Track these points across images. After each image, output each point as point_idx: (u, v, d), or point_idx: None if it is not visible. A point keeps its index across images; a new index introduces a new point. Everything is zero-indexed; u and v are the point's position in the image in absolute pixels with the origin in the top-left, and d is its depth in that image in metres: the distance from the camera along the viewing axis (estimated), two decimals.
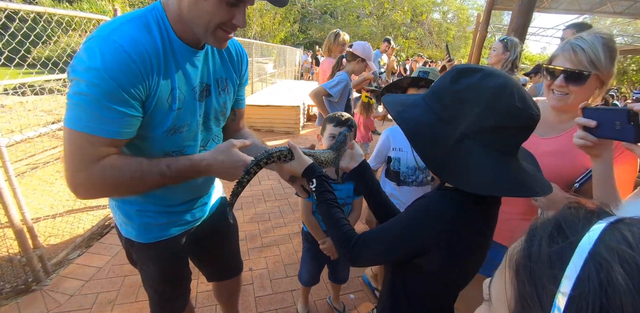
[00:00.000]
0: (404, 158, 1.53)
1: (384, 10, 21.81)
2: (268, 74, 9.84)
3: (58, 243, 2.32)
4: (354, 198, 1.47)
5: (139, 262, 1.08)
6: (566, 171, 0.97)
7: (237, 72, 1.01)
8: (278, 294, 1.95)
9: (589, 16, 9.99)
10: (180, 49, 0.81)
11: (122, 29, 0.72)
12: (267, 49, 11.18)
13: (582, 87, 0.91)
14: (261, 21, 18.92)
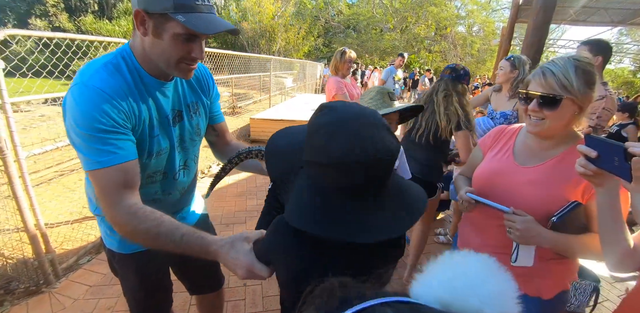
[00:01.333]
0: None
1: (407, 24, 21.96)
2: (287, 87, 10.11)
3: (71, 249, 2.48)
4: None
5: (120, 272, 1.16)
6: (544, 203, 0.93)
7: (206, 94, 1.09)
8: (269, 312, 1.96)
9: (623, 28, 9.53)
10: (151, 82, 0.90)
11: (97, 75, 0.82)
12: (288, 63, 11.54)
13: (556, 112, 0.89)
14: (285, 36, 19.58)
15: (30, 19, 15.08)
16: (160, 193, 1.07)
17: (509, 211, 0.93)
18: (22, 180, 1.87)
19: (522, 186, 0.99)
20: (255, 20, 18.73)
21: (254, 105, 9.27)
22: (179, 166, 1.07)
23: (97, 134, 0.78)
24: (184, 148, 1.08)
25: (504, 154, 1.09)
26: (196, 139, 1.12)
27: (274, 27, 18.92)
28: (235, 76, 7.78)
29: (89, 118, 0.78)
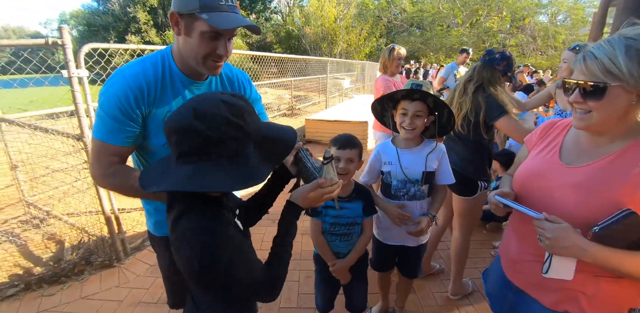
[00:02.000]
0: (393, 171, 1.49)
1: (478, 17, 20.28)
2: (345, 89, 10.14)
3: (140, 232, 2.85)
4: (363, 218, 1.44)
5: (156, 252, 1.30)
6: (587, 209, 0.79)
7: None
8: (302, 309, 1.98)
9: None
10: (181, 79, 1.01)
11: (132, 67, 0.97)
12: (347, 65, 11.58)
13: (602, 103, 0.74)
14: (347, 38, 19.66)
15: (127, 36, 17.77)
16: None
17: (540, 217, 0.80)
18: None
19: (564, 189, 0.84)
20: (317, 24, 19.19)
21: (313, 106, 9.52)
22: None
23: (105, 115, 0.94)
24: None
25: (548, 152, 0.94)
26: None
27: (335, 29, 19.15)
28: (293, 79, 8.09)
29: (106, 101, 0.94)
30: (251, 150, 0.71)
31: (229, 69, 1.18)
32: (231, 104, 0.67)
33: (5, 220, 3.10)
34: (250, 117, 0.71)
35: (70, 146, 2.36)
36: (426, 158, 1.44)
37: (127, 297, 2.08)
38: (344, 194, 1.42)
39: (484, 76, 1.71)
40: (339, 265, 1.42)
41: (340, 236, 1.43)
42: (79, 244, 2.59)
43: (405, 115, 1.39)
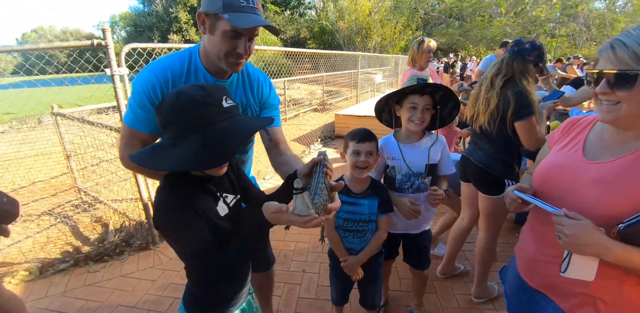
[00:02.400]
0: (397, 166, 1.52)
1: (523, 6, 18.84)
2: (376, 84, 9.97)
3: None
4: (378, 215, 1.42)
5: None
6: (610, 207, 0.74)
7: (256, 98, 1.23)
8: (319, 301, 2.02)
9: None
10: (204, 75, 1.08)
11: (161, 61, 1.06)
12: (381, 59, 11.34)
13: (633, 93, 0.70)
14: (382, 32, 19.22)
15: (169, 35, 18.84)
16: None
17: (560, 213, 0.76)
18: None
19: (586, 185, 0.79)
20: (351, 18, 18.95)
21: (344, 102, 9.48)
22: None
23: (134, 104, 1.04)
24: None
25: (571, 148, 0.89)
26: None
27: (369, 23, 18.79)
28: (326, 74, 8.10)
29: (135, 91, 1.04)
30: (192, 140, 0.72)
31: (252, 70, 1.22)
32: (186, 94, 0.73)
33: (59, 204, 3.47)
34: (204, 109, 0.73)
35: (113, 138, 2.58)
36: (429, 151, 1.48)
37: (160, 277, 2.25)
38: (359, 190, 1.41)
39: (514, 68, 1.60)
40: (350, 262, 1.43)
41: (353, 233, 1.43)
42: (120, 227, 2.84)
43: (414, 109, 1.42)
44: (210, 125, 0.73)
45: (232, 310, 1.00)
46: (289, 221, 0.75)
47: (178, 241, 0.81)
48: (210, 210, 0.85)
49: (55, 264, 2.35)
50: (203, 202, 0.83)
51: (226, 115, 0.76)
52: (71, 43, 2.14)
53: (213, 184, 0.89)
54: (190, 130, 0.73)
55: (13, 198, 1.47)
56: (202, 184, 0.85)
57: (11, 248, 2.62)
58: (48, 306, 2.01)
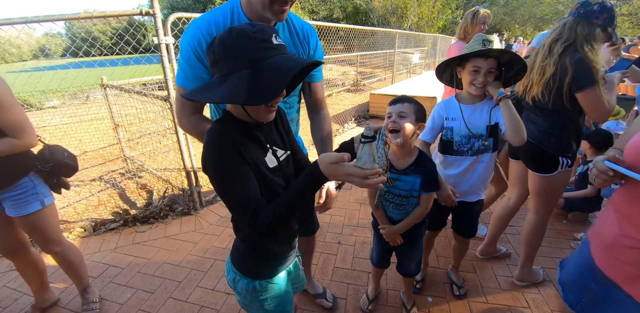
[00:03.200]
0: (457, 127, 1.47)
1: None
2: (412, 65, 9.53)
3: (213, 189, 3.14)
4: (420, 192, 1.34)
5: None
6: None
7: (303, 47, 1.20)
8: (355, 271, 2.02)
9: None
10: None
11: (204, 17, 1.04)
12: (418, 38, 10.78)
13: None
14: (418, 11, 18.18)
15: None
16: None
17: None
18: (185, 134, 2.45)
19: None
20: None
21: (378, 83, 9.20)
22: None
23: (183, 62, 1.04)
24: None
25: None
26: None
27: (406, 2, 17.81)
28: (360, 54, 7.84)
29: (183, 48, 1.04)
30: (241, 75, 0.70)
31: (297, 20, 1.19)
32: (237, 29, 0.71)
33: (108, 171, 3.69)
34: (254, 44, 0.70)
35: (159, 107, 2.66)
36: (490, 112, 1.42)
37: (201, 240, 2.35)
38: (401, 166, 1.32)
39: (577, 32, 1.42)
40: (389, 230, 1.42)
41: (393, 204, 1.40)
42: (164, 194, 2.98)
43: (477, 72, 1.38)
44: (259, 60, 0.70)
45: (279, 269, 0.98)
46: (347, 175, 0.69)
47: (224, 186, 0.77)
48: (259, 159, 0.82)
49: (107, 223, 2.52)
50: (251, 149, 0.80)
51: (275, 51, 0.72)
52: (122, 12, 2.18)
53: (262, 134, 0.86)
54: (239, 65, 0.70)
55: (72, 153, 1.55)
56: (250, 131, 0.82)
57: (67, 209, 2.85)
58: (101, 260, 2.17)
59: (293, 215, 0.76)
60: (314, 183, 0.73)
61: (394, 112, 1.24)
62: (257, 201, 0.75)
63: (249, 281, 0.94)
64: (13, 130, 1.25)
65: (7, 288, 1.94)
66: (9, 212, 1.40)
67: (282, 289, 0.98)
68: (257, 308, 0.98)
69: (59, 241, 1.57)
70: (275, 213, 0.74)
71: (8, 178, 1.34)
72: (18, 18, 1.94)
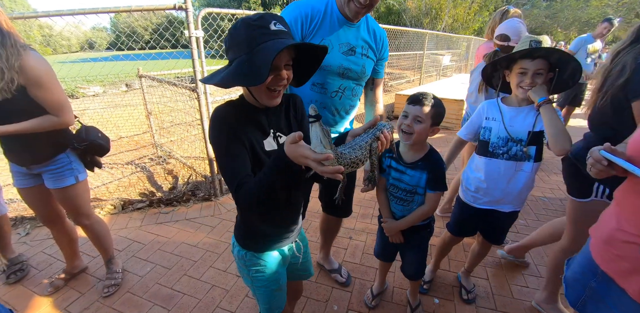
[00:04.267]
0: (495, 128, 1.40)
1: None
2: (442, 66, 9.30)
3: None
4: (426, 190, 1.31)
5: None
6: None
7: (377, 46, 1.39)
8: (363, 267, 2.04)
9: None
10: (338, 17, 1.25)
11: (305, 0, 1.26)
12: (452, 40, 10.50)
13: None
14: (454, 12, 17.68)
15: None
16: (315, 103, 1.37)
17: None
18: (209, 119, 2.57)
19: None
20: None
21: (406, 84, 9.07)
22: (337, 87, 1.35)
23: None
24: (348, 77, 1.35)
25: None
26: (361, 77, 1.39)
27: (441, 3, 17.37)
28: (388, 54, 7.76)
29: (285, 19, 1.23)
30: (240, 59, 0.76)
31: (375, 24, 1.39)
32: (241, 19, 0.76)
33: (139, 156, 3.93)
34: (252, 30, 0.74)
35: (187, 97, 2.80)
36: (536, 118, 1.32)
37: (219, 225, 2.46)
38: (409, 159, 1.29)
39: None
40: (390, 225, 1.40)
41: (397, 199, 1.37)
42: (188, 180, 3.14)
43: (524, 74, 1.31)
44: (256, 45, 0.74)
45: (268, 247, 1.02)
46: (303, 157, 0.65)
47: (219, 160, 0.83)
48: (255, 140, 0.86)
49: (134, 203, 2.69)
50: (248, 130, 0.85)
51: (272, 36, 0.75)
52: (158, 6, 2.32)
53: (267, 118, 0.90)
54: (239, 51, 0.76)
55: (106, 135, 1.68)
56: (253, 114, 0.87)
57: (101, 188, 3.07)
58: (127, 235, 2.33)
59: (268, 192, 0.74)
60: (277, 161, 0.71)
61: (411, 113, 1.21)
62: (244, 176, 0.79)
63: (240, 249, 1.02)
64: (53, 109, 1.38)
65: (43, 253, 2.14)
66: (47, 184, 1.55)
67: (268, 266, 1.03)
68: (246, 275, 1.07)
69: (89, 215, 1.72)
70: (252, 188, 0.75)
71: (48, 153, 1.49)
72: (66, 10, 2.12)
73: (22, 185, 1.57)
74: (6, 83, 1.24)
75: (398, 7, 18.89)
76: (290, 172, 0.71)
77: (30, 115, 1.36)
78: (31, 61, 1.28)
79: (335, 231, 1.90)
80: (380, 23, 10.50)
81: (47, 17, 2.18)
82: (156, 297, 1.78)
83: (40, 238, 2.30)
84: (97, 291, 1.82)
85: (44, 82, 1.32)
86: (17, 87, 1.27)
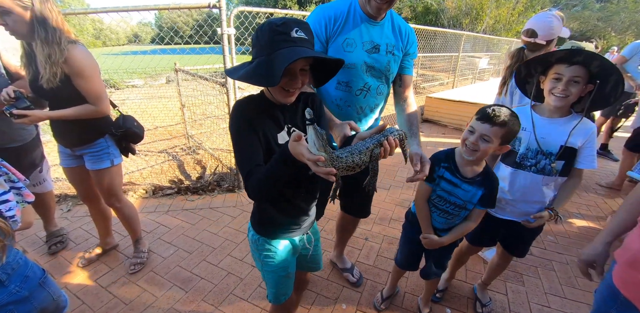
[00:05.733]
0: (525, 138, 1.31)
1: None
2: (478, 69, 8.93)
3: None
4: (476, 206, 1.24)
5: None
6: None
7: (402, 42, 1.38)
8: (376, 269, 2.03)
9: None
10: (361, 16, 1.28)
11: (329, 4, 1.30)
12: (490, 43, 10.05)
13: None
14: (496, 13, 16.88)
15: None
16: (340, 101, 1.38)
17: None
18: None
19: None
20: None
21: (439, 87, 8.83)
22: (361, 85, 1.35)
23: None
24: (372, 75, 1.36)
25: None
26: (386, 75, 1.38)
27: (482, 3, 16.64)
28: (421, 55, 7.58)
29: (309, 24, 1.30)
30: (260, 60, 0.82)
31: (400, 19, 1.38)
32: (267, 22, 0.81)
33: (173, 145, 4.15)
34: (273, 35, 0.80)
35: (218, 91, 2.92)
36: (570, 132, 1.23)
37: (240, 215, 2.56)
38: (469, 173, 1.22)
39: None
40: (431, 241, 1.32)
41: (441, 212, 1.30)
42: (215, 171, 3.27)
43: (558, 80, 1.20)
44: (275, 49, 0.79)
45: (279, 236, 1.08)
46: (300, 155, 0.70)
47: (235, 148, 0.90)
48: (270, 133, 0.92)
49: (164, 189, 2.86)
50: (264, 123, 0.91)
51: (290, 43, 0.80)
52: (194, 4, 2.43)
53: (283, 113, 0.95)
54: (261, 52, 0.82)
55: (141, 124, 1.80)
56: (270, 109, 0.93)
57: (135, 173, 3.28)
58: (155, 219, 2.48)
59: (274, 182, 0.81)
60: (282, 154, 0.76)
61: (478, 131, 1.12)
62: (255, 165, 0.85)
63: (254, 234, 1.09)
64: (92, 98, 1.50)
65: (81, 229, 2.33)
66: (87, 165, 1.69)
67: (278, 253, 1.09)
68: (257, 259, 1.13)
69: (119, 197, 1.85)
70: (260, 176, 0.82)
71: (90, 137, 1.63)
72: (112, 7, 2.28)
73: (66, 165, 1.73)
74: (51, 75, 1.38)
75: (436, 7, 18.34)
76: (293, 166, 0.75)
77: (75, 102, 1.49)
78: (77, 54, 1.41)
79: (350, 230, 1.90)
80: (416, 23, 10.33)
81: (95, 14, 2.36)
82: (176, 278, 1.90)
83: (79, 215, 2.51)
84: (124, 267, 1.97)
85: (86, 74, 1.45)
86: (62, 78, 1.41)
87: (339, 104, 1.37)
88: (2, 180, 0.88)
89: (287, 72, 0.81)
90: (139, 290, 1.81)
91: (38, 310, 0.95)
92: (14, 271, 0.91)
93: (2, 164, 0.90)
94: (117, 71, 3.24)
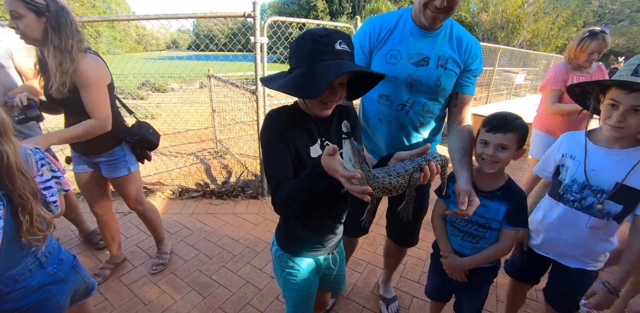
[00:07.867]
0: (572, 168, 1.14)
1: None
2: (514, 85, 8.60)
3: None
4: (502, 225, 1.12)
5: None
6: None
7: (461, 56, 1.22)
8: (398, 290, 1.91)
9: None
10: (411, 28, 1.21)
11: (382, 15, 1.29)
12: (528, 58, 9.69)
13: None
14: (534, 27, 16.34)
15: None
16: (382, 115, 1.31)
17: None
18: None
19: None
20: (497, 10, 16.63)
21: (473, 102, 8.57)
22: (404, 100, 1.25)
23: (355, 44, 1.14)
24: (418, 90, 1.23)
25: None
26: (436, 91, 1.22)
27: (520, 16, 16.18)
28: None
29: (356, 35, 1.29)
30: (300, 71, 0.79)
31: (461, 31, 1.25)
32: (310, 32, 0.79)
33: (201, 149, 4.26)
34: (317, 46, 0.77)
35: (247, 98, 2.96)
36: (633, 167, 1.02)
37: (261, 223, 2.54)
38: (486, 188, 1.13)
39: None
40: (452, 262, 1.20)
41: (464, 234, 1.18)
42: (240, 176, 3.30)
43: (615, 108, 1.00)
44: (318, 61, 0.77)
45: (304, 253, 1.03)
46: (334, 170, 0.66)
47: (264, 159, 0.88)
48: (302, 145, 0.89)
49: (190, 192, 2.91)
50: (297, 135, 0.88)
51: (334, 56, 0.77)
52: (230, 13, 2.50)
53: (317, 126, 0.92)
54: (301, 62, 0.79)
55: (157, 131, 1.78)
56: (304, 121, 0.90)
57: (164, 174, 3.38)
58: (179, 220, 2.52)
59: (303, 197, 0.77)
60: (314, 168, 0.72)
61: (492, 143, 1.06)
62: (284, 177, 0.83)
63: (278, 249, 1.06)
64: (89, 109, 1.40)
65: None
66: (104, 173, 1.69)
67: (301, 272, 1.05)
68: (279, 275, 1.10)
69: (141, 201, 1.86)
70: (289, 189, 0.79)
71: (106, 146, 1.61)
72: (154, 15, 2.40)
73: (80, 170, 1.68)
74: (60, 84, 1.33)
75: (470, 20, 18.03)
76: (325, 182, 0.72)
77: (85, 114, 1.42)
78: (85, 64, 1.36)
79: (395, 257, 1.75)
80: None
81: (137, 21, 2.49)
82: (195, 282, 1.89)
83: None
84: (146, 267, 1.99)
85: (90, 86, 1.39)
86: (70, 88, 1.36)
87: (380, 117, 1.31)
88: (46, 169, 0.95)
89: (329, 85, 0.78)
90: (159, 291, 1.82)
91: (72, 290, 1.04)
92: (50, 255, 0.99)
93: (45, 154, 0.96)
94: (154, 75, 3.38)
